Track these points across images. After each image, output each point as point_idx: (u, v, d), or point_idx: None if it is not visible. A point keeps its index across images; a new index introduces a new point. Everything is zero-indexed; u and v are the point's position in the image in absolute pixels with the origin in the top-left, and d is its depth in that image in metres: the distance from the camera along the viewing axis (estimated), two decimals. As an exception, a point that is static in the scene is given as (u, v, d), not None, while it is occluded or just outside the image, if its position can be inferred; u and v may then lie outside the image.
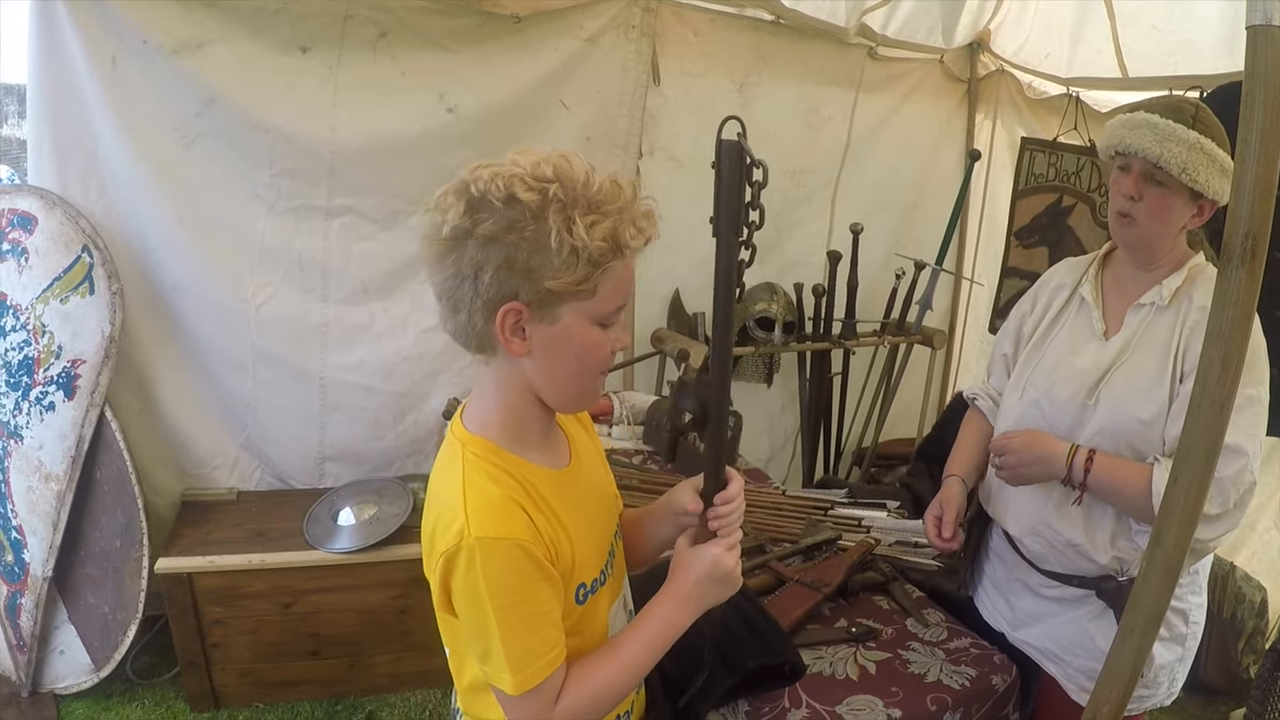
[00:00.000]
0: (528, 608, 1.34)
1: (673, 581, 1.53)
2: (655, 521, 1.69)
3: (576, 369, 1.39)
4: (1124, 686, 1.44)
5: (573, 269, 1.26)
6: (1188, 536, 1.38)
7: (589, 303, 1.32)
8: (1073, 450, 2.05)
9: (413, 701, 3.60)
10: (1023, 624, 2.41)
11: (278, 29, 3.32)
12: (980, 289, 5.20)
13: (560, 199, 1.25)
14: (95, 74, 3.16)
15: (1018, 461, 2.13)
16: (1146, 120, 1.98)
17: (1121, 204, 2.06)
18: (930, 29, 4.57)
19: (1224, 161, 1.93)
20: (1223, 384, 1.31)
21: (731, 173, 1.34)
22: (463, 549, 1.29)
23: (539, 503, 1.39)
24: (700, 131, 4.27)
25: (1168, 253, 2.09)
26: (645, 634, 1.50)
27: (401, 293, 3.83)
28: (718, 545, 1.51)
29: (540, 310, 1.30)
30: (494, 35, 3.62)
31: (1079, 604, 2.24)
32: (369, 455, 3.99)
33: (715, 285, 1.42)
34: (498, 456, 1.40)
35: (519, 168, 1.26)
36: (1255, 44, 1.22)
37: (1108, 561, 2.13)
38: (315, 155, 3.51)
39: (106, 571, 3.36)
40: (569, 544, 1.42)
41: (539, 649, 1.36)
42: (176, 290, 3.49)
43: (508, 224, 1.24)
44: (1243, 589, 3.85)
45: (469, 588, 1.31)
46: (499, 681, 1.36)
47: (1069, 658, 2.29)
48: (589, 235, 1.25)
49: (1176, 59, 3.73)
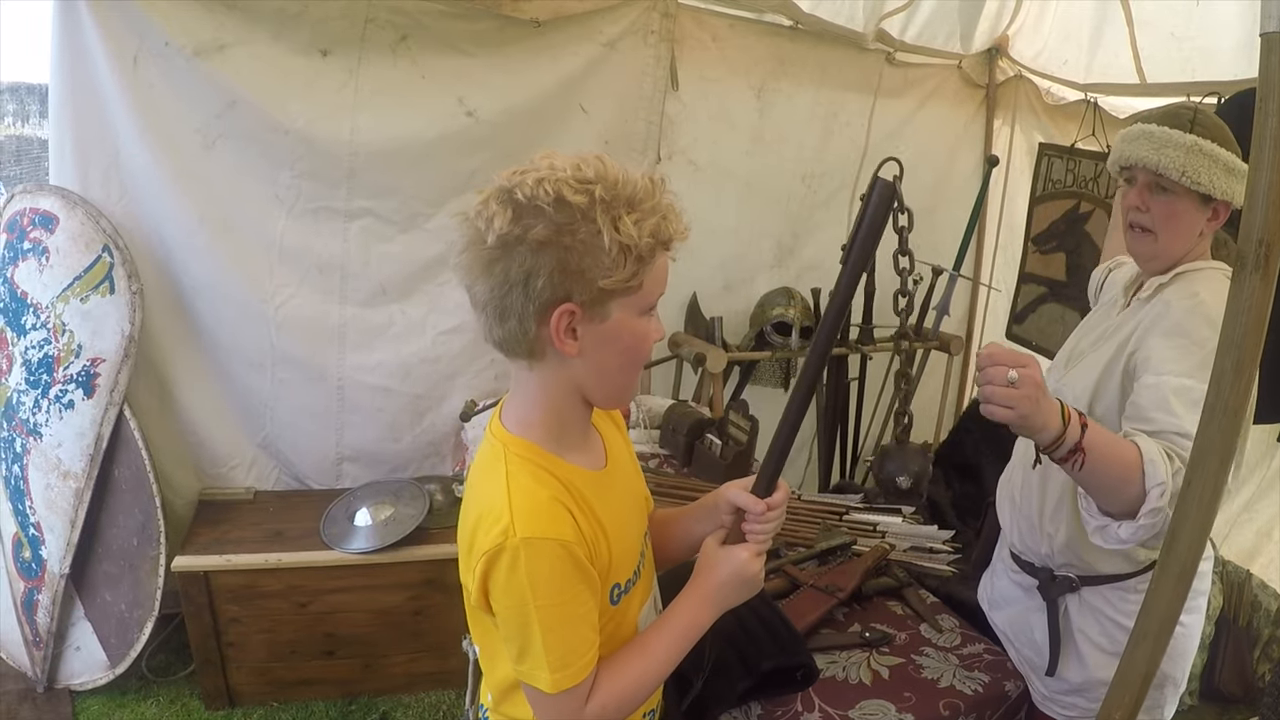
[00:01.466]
0: (570, 609, 1.36)
1: (697, 579, 1.55)
2: (694, 521, 1.69)
3: (624, 362, 1.41)
4: (1136, 693, 1.43)
5: (623, 266, 1.28)
6: (1201, 542, 1.37)
7: (636, 296, 1.34)
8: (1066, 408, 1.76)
9: (427, 702, 3.61)
10: (996, 605, 2.48)
11: (298, 32, 3.34)
12: (998, 294, 5.20)
13: (604, 199, 1.26)
14: (117, 75, 3.19)
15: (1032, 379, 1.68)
16: (1143, 131, 1.98)
17: (1132, 216, 2.05)
18: (949, 34, 4.58)
19: (1228, 160, 1.92)
20: (1236, 390, 1.30)
21: (878, 211, 1.34)
22: (506, 548, 1.30)
23: (580, 503, 1.41)
24: (718, 137, 4.30)
25: (1184, 260, 2.06)
26: (671, 632, 1.51)
27: (420, 295, 3.85)
28: (746, 549, 1.52)
29: (592, 309, 1.31)
30: (513, 39, 3.64)
31: (1031, 594, 2.29)
32: (386, 456, 4.00)
33: (827, 310, 1.40)
34: (541, 457, 1.41)
35: (561, 171, 1.27)
36: (1269, 50, 1.21)
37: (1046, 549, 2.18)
38: (335, 157, 3.53)
39: (123, 569, 3.38)
40: (606, 544, 1.43)
41: (579, 648, 1.37)
42: (196, 290, 3.52)
43: (559, 227, 1.25)
44: (1259, 597, 3.84)
45: (512, 586, 1.32)
46: (535, 679, 1.37)
47: (1018, 645, 2.36)
48: (637, 232, 1.27)
49: (1194, 65, 3.72)
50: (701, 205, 4.26)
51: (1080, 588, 2.16)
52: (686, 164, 4.26)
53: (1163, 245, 2.04)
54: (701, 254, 4.24)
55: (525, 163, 1.31)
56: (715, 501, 1.62)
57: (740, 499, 1.53)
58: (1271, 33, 1.20)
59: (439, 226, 3.75)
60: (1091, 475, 1.77)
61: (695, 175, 4.26)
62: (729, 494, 1.57)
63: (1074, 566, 2.16)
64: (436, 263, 3.80)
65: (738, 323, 4.58)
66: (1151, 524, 1.74)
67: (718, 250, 4.45)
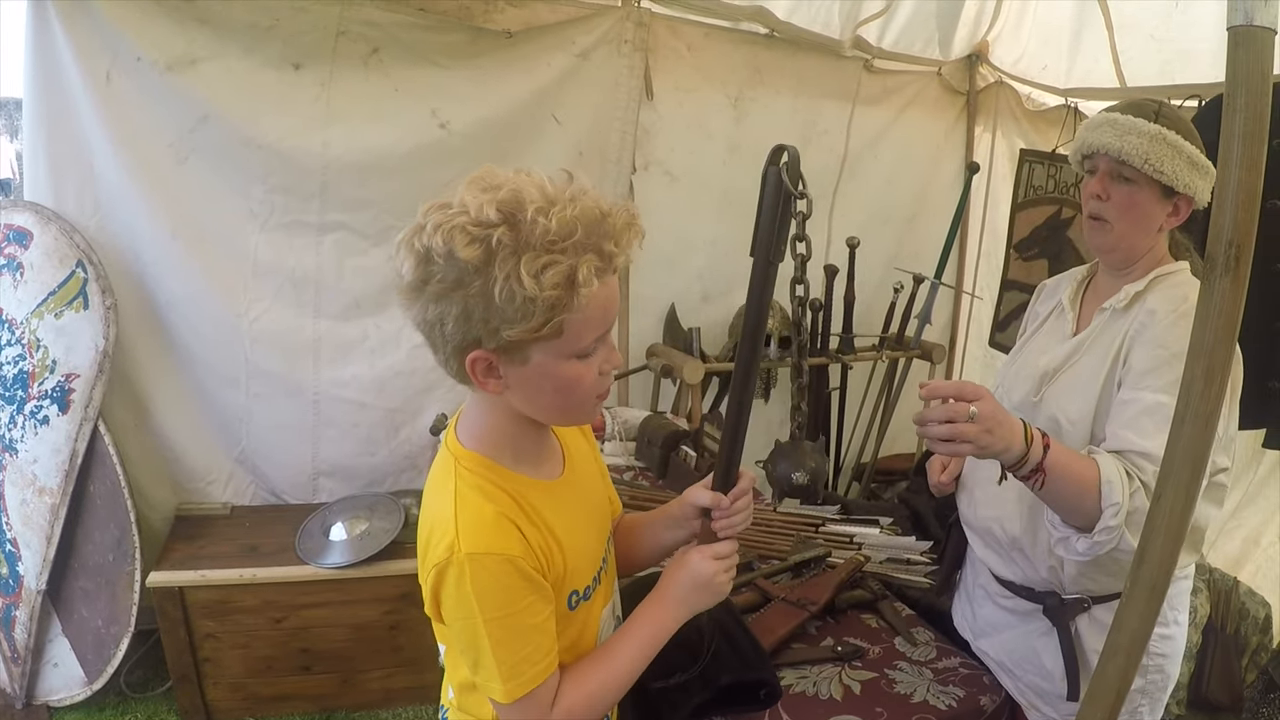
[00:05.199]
0: (519, 620, 1.35)
1: (659, 585, 1.57)
2: (664, 529, 1.69)
3: (559, 400, 1.37)
4: (1109, 709, 1.41)
5: (529, 317, 1.22)
6: (1173, 555, 1.34)
7: (558, 342, 1.28)
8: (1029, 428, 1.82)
9: (404, 717, 3.60)
10: (983, 633, 2.39)
11: (270, 46, 3.35)
12: (980, 302, 5.18)
13: (507, 244, 1.19)
14: (90, 90, 3.20)
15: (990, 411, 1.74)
16: (1107, 119, 1.97)
17: (1091, 206, 2.03)
18: (927, 41, 4.58)
19: (1191, 154, 1.90)
20: (1206, 398, 1.26)
21: (772, 199, 1.35)
22: (452, 563, 1.30)
23: (531, 515, 1.39)
24: (695, 146, 4.29)
25: (1143, 257, 2.04)
26: (636, 636, 1.52)
27: (394, 308, 3.72)
28: (698, 552, 1.54)
29: (508, 354, 1.28)
30: (486, 51, 3.64)
31: (1029, 619, 2.21)
32: (362, 470, 3.99)
33: (748, 301, 1.45)
34: (491, 471, 1.40)
35: (465, 214, 1.20)
36: (1236, 44, 1.18)
37: (1046, 573, 2.11)
38: (308, 171, 3.53)
39: (100, 585, 3.38)
40: (560, 554, 1.42)
41: (531, 656, 1.37)
42: (170, 305, 3.52)
43: (454, 281, 1.22)
44: (1246, 604, 3.81)
45: (459, 600, 1.32)
46: (490, 691, 1.37)
47: (1019, 673, 2.27)
48: (539, 283, 1.19)
49: (1174, 68, 3.71)
50: (679, 216, 4.25)
51: (1092, 606, 2.11)
52: (663, 174, 4.26)
53: (1120, 235, 2.01)
54: (679, 265, 4.24)
55: (475, 181, 1.26)
56: (681, 509, 1.62)
57: (701, 498, 1.55)
58: (1238, 26, 1.18)
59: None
60: (1051, 493, 1.81)
61: (672, 186, 4.26)
62: (690, 497, 1.58)
63: (1089, 590, 2.10)
64: (412, 277, 3.77)
65: (717, 333, 4.55)
66: (1106, 541, 1.77)
67: (695, 261, 4.44)
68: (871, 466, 4.86)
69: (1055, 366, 2.12)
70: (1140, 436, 1.80)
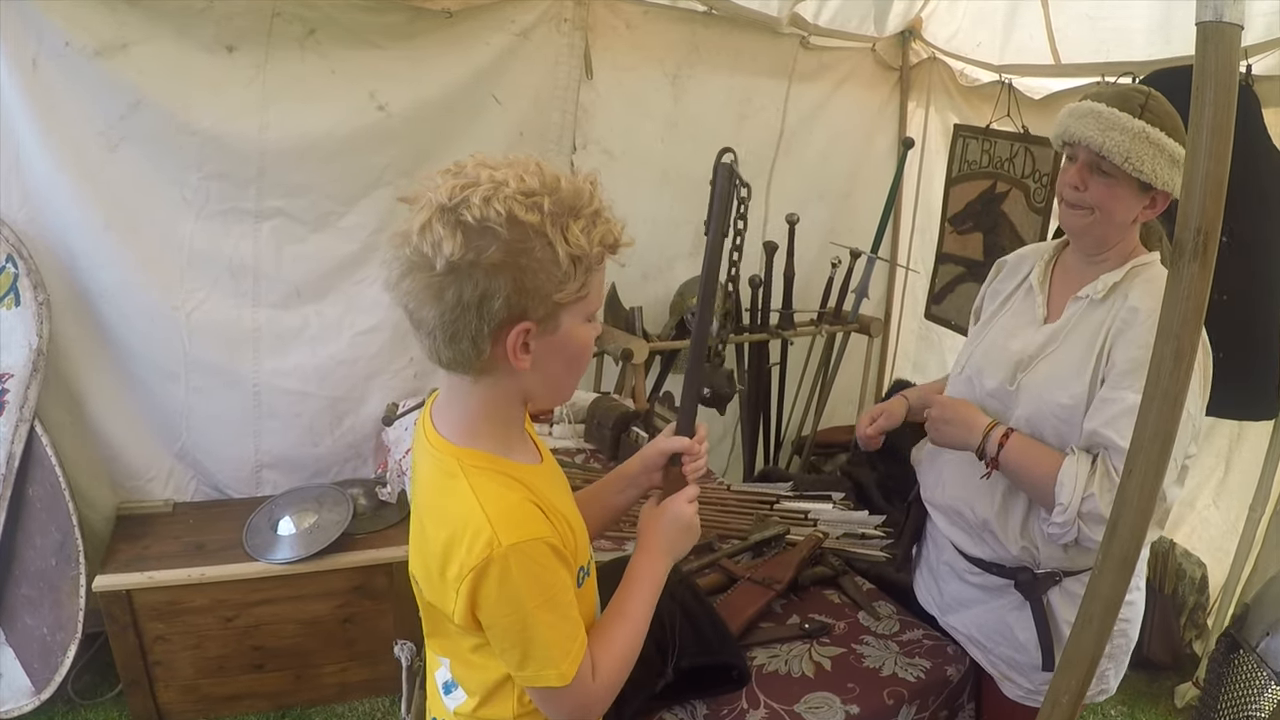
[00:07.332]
0: (561, 597, 1.39)
1: (643, 539, 1.65)
2: (614, 493, 1.79)
3: (571, 368, 1.44)
4: (1083, 675, 1.45)
5: (574, 277, 1.28)
6: (1143, 528, 1.38)
7: (583, 303, 1.35)
8: (991, 425, 2.05)
9: (361, 710, 3.57)
10: (950, 609, 2.42)
11: (203, 28, 3.24)
12: (916, 276, 5.26)
13: (553, 211, 1.25)
14: (15, 78, 3.07)
15: (939, 415, 2.16)
16: (1092, 109, 1.96)
17: (1068, 194, 2.04)
18: (862, 18, 4.60)
19: (1173, 151, 1.90)
20: (1175, 378, 1.31)
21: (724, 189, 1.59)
22: (495, 559, 1.30)
23: (541, 499, 1.42)
24: (634, 125, 4.27)
25: (1116, 245, 2.06)
26: (640, 591, 1.59)
27: (335, 295, 3.77)
28: (673, 500, 1.65)
29: (545, 323, 1.32)
30: (425, 31, 3.57)
31: (1000, 594, 2.25)
32: (306, 461, 3.93)
33: (704, 266, 1.67)
34: (497, 464, 1.41)
35: (506, 185, 1.24)
36: (1205, 39, 1.21)
37: (1018, 552, 2.15)
38: (244, 157, 3.44)
39: (43, 591, 3.28)
40: (571, 531, 1.47)
41: (573, 633, 1.41)
42: (105, 298, 3.41)
43: (514, 249, 1.23)
44: (1183, 565, 3.92)
45: (507, 595, 1.32)
46: (545, 679, 1.38)
47: (990, 645, 2.31)
48: (587, 241, 1.27)
49: (1109, 46, 3.77)
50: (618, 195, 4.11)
51: (1063, 579, 2.14)
52: (601, 153, 4.22)
53: (1094, 223, 2.02)
54: (619, 244, 4.22)
55: (459, 172, 1.28)
56: (643, 463, 1.74)
57: (674, 443, 1.69)
58: (1207, 21, 1.21)
59: (352, 225, 3.68)
60: (1012, 481, 2.10)
61: (611, 165, 4.21)
62: (661, 445, 1.71)
63: (1063, 566, 2.14)
64: (351, 262, 3.73)
65: (658, 311, 4.56)
66: (1059, 534, 1.97)
67: (635, 239, 4.37)
68: (811, 440, 4.90)
69: (1030, 354, 2.13)
70: (1120, 437, 1.85)
